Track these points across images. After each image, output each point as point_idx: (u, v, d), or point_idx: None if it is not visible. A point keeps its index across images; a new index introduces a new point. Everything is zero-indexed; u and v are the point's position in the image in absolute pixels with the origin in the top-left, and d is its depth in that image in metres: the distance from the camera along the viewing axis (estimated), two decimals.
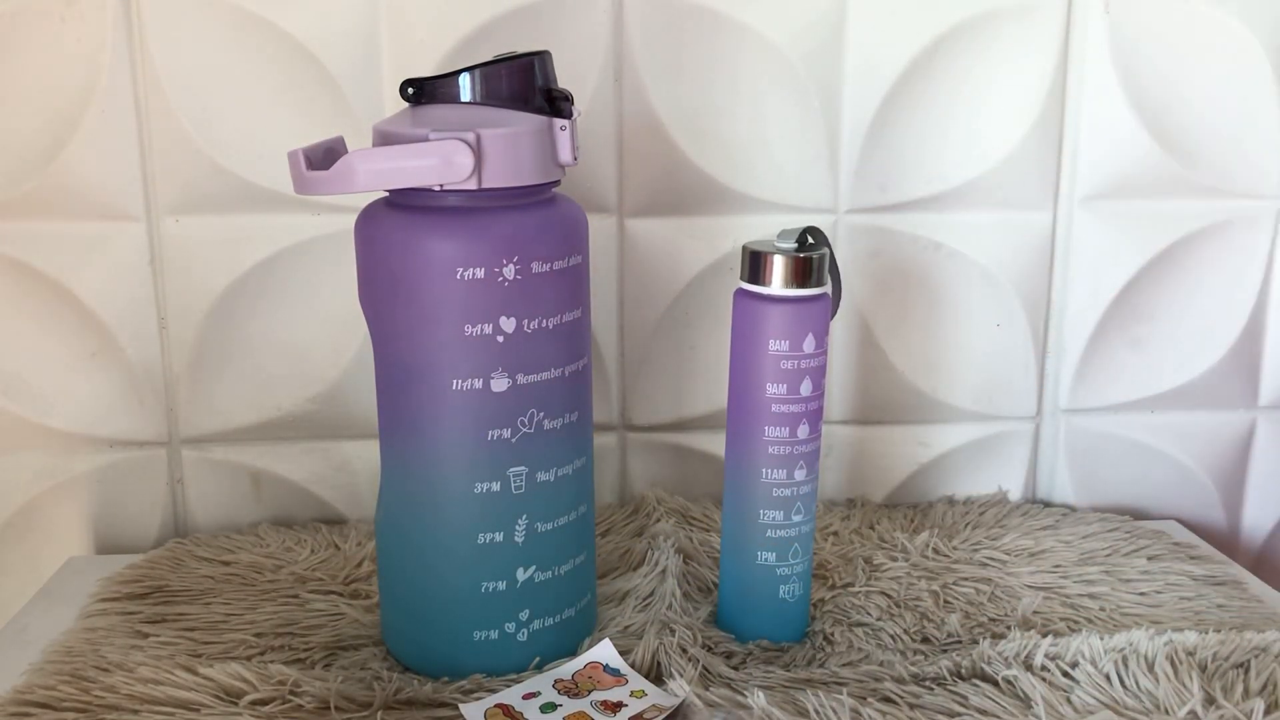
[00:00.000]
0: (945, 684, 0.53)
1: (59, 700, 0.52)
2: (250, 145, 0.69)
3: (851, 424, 0.77)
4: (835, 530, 0.72)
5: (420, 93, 0.53)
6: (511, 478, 0.53)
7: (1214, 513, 0.80)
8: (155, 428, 0.73)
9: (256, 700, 0.52)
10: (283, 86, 0.69)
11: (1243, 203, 0.74)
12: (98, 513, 0.74)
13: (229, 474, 0.75)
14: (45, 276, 0.70)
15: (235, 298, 0.71)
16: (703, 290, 0.74)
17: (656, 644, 0.56)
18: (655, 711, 0.51)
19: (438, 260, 0.50)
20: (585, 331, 0.55)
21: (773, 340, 0.55)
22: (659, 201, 0.73)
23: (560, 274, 0.52)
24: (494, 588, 0.54)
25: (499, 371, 0.51)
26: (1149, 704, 0.50)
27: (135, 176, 0.69)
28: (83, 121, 0.68)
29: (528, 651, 0.55)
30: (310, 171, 0.50)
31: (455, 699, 0.53)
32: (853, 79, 0.71)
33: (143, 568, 0.67)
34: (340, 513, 0.76)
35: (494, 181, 0.51)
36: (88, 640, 0.58)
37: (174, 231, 0.70)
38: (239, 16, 0.67)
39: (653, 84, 0.70)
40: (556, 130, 0.52)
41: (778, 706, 0.50)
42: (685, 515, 0.73)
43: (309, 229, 0.71)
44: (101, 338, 0.71)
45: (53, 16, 0.66)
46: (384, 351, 0.54)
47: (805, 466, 0.57)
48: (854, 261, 0.73)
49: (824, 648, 0.59)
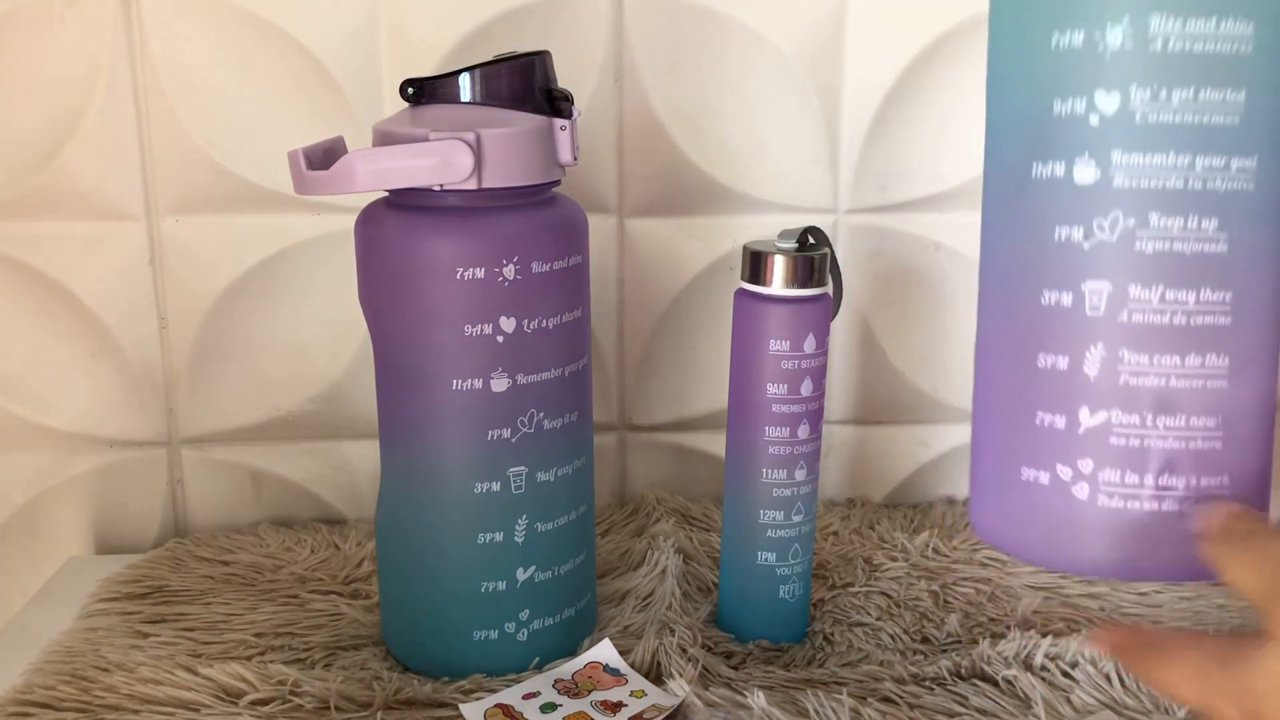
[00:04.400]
0: (945, 684, 0.53)
1: (59, 700, 0.52)
2: (250, 145, 0.69)
3: (851, 424, 0.77)
4: (835, 530, 0.72)
5: (420, 93, 0.53)
6: (511, 478, 0.53)
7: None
8: (155, 428, 0.73)
9: (256, 700, 0.52)
10: (283, 87, 0.69)
11: None
12: (98, 513, 0.74)
13: (229, 474, 0.75)
14: (45, 276, 0.70)
15: (235, 298, 0.71)
16: (703, 290, 0.74)
17: (656, 644, 0.56)
18: (655, 711, 0.51)
19: (438, 260, 0.50)
20: (585, 331, 0.55)
21: (773, 340, 0.55)
22: (659, 201, 0.73)
23: (560, 274, 0.52)
24: (494, 588, 0.54)
25: (499, 371, 0.51)
26: (1149, 704, 0.50)
27: (135, 176, 0.69)
28: (83, 121, 0.68)
29: (528, 651, 0.55)
30: (310, 171, 0.50)
31: (455, 699, 0.53)
32: (853, 79, 0.71)
33: (143, 568, 0.67)
34: (340, 513, 0.76)
35: (494, 181, 0.51)
36: (88, 640, 0.58)
37: (174, 231, 0.70)
38: (239, 16, 0.67)
39: (653, 84, 0.70)
40: (556, 130, 0.52)
41: (778, 706, 0.50)
42: (685, 515, 0.73)
43: (309, 229, 0.71)
44: (101, 338, 0.71)
45: (53, 16, 0.66)
46: (384, 351, 0.54)
47: (805, 466, 0.57)
48: (854, 261, 0.73)
49: (824, 648, 0.59)
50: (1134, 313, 0.40)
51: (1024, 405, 0.43)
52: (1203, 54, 0.38)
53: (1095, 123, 0.39)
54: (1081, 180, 0.40)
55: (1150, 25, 0.38)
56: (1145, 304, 0.39)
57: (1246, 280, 0.39)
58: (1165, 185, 0.39)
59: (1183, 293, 0.39)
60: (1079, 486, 0.42)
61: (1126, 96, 0.39)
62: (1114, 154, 0.39)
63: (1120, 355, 0.40)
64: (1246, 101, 0.38)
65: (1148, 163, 0.39)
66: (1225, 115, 0.38)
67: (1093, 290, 0.40)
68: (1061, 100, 0.40)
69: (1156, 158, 0.39)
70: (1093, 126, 0.39)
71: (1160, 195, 0.39)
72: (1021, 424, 0.43)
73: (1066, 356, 0.41)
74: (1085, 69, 0.39)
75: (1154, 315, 0.39)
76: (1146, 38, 0.38)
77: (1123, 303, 0.39)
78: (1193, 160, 0.39)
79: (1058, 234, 0.41)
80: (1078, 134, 0.40)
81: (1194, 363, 0.39)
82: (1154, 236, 0.39)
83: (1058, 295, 0.41)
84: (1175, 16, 0.37)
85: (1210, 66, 0.38)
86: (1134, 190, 0.39)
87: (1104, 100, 0.39)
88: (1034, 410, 0.43)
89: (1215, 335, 0.39)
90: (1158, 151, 0.39)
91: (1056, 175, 0.41)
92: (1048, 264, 0.42)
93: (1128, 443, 0.41)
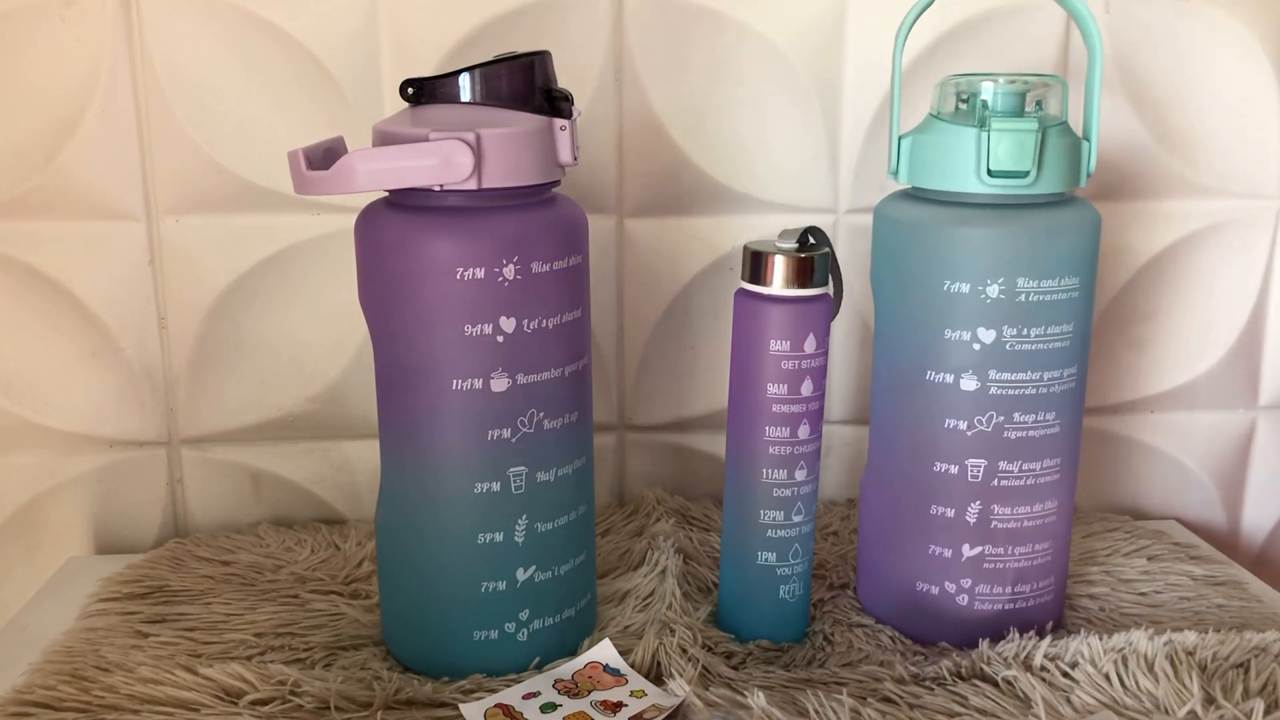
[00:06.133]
0: (945, 684, 0.53)
1: (59, 700, 0.52)
2: (250, 145, 0.69)
3: (851, 424, 0.77)
4: (835, 530, 0.72)
5: (420, 93, 0.53)
6: (511, 478, 0.53)
7: (1214, 513, 0.80)
8: (155, 428, 0.73)
9: (256, 700, 0.52)
10: (283, 87, 0.69)
11: (1243, 203, 0.75)
12: (98, 513, 0.74)
13: (229, 474, 0.75)
14: (45, 276, 0.70)
15: (235, 298, 0.71)
16: (703, 290, 0.74)
17: (656, 644, 0.56)
18: (655, 711, 0.51)
19: (438, 260, 0.50)
20: (585, 331, 0.55)
21: (774, 340, 0.55)
22: (659, 201, 0.73)
23: (560, 274, 0.52)
24: (494, 588, 0.54)
25: (499, 371, 0.51)
26: (1149, 704, 0.50)
27: (135, 176, 0.69)
28: (83, 121, 0.68)
29: (528, 651, 0.55)
30: (310, 171, 0.50)
31: (455, 699, 0.53)
32: (853, 79, 0.71)
33: (143, 568, 0.67)
34: (340, 513, 0.76)
35: (494, 181, 0.51)
36: (88, 640, 0.58)
37: (174, 231, 0.70)
38: (239, 16, 0.67)
39: (653, 84, 0.70)
40: (556, 130, 0.52)
41: (778, 706, 0.50)
42: (685, 515, 0.73)
43: (309, 229, 0.71)
44: (101, 338, 0.71)
45: (52, 16, 0.66)
46: (384, 351, 0.54)
47: (805, 466, 0.57)
48: (854, 261, 0.73)
49: (824, 648, 0.59)
50: (1002, 479, 0.57)
51: (920, 537, 0.59)
52: (1050, 302, 0.55)
53: (977, 349, 0.55)
54: (966, 388, 0.56)
55: (1017, 283, 0.54)
56: (1009, 473, 0.57)
57: (1068, 449, 0.58)
58: (1024, 393, 0.56)
59: (1033, 464, 0.57)
60: (961, 596, 0.58)
61: (1000, 332, 0.55)
62: (990, 372, 0.55)
63: (992, 509, 0.57)
64: (1072, 330, 0.56)
65: (1013, 378, 0.55)
66: (1060, 342, 0.56)
67: (973, 464, 0.57)
68: (952, 330, 0.56)
69: (1019, 375, 0.55)
70: (975, 351, 0.55)
71: (1021, 399, 0.56)
72: (918, 544, 0.59)
73: (952, 508, 0.57)
74: (971, 310, 0.55)
75: (1015, 480, 0.57)
76: (1014, 292, 0.54)
77: (994, 473, 0.57)
78: (1042, 374, 0.56)
79: (947, 424, 0.57)
80: (964, 355, 0.56)
81: (1037, 509, 0.57)
82: (1016, 427, 0.56)
83: (947, 466, 0.57)
84: (1033, 279, 0.54)
85: (1053, 309, 0.55)
86: (1003, 396, 0.56)
87: (984, 334, 0.55)
88: (927, 543, 0.58)
89: (1052, 488, 0.58)
90: (1020, 371, 0.55)
91: (947, 381, 0.56)
92: (938, 444, 0.57)
93: (993, 565, 0.58)
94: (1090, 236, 0.56)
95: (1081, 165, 0.57)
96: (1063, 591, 0.61)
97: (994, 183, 0.55)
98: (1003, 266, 0.54)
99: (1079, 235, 0.56)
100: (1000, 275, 0.54)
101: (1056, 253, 0.55)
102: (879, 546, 0.61)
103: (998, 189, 0.55)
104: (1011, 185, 0.55)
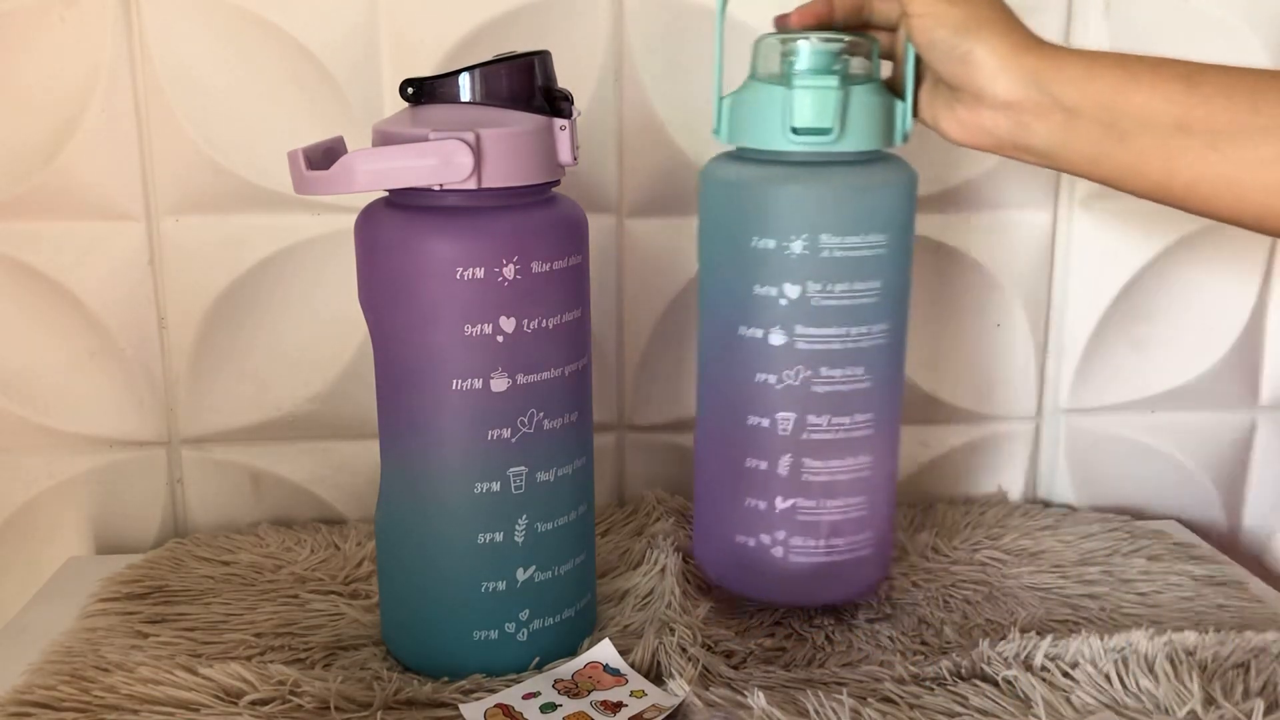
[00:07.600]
0: (945, 684, 0.53)
1: (59, 700, 0.52)
2: (250, 145, 0.69)
3: None
4: None
5: (420, 93, 0.53)
6: (511, 478, 0.53)
7: (1214, 513, 0.80)
8: (155, 428, 0.73)
9: (256, 700, 0.52)
10: (283, 87, 0.69)
11: None
12: (98, 513, 0.74)
13: (229, 474, 0.75)
14: (45, 276, 0.70)
15: (235, 298, 0.71)
16: None
17: (656, 644, 0.56)
18: (655, 711, 0.51)
19: (437, 260, 0.50)
20: (585, 331, 0.55)
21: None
22: (659, 201, 0.72)
23: (560, 274, 0.52)
24: (494, 588, 0.54)
25: (499, 371, 0.51)
26: (1149, 704, 0.50)
27: (135, 176, 0.69)
28: (83, 121, 0.68)
29: (528, 651, 0.55)
30: (310, 171, 0.50)
31: (455, 699, 0.53)
32: None
33: (143, 568, 0.67)
34: (340, 513, 0.76)
35: (494, 181, 0.51)
36: (88, 640, 0.58)
37: (174, 231, 0.70)
38: (239, 16, 0.67)
39: (653, 84, 0.70)
40: (556, 130, 0.52)
41: (778, 706, 0.50)
42: (685, 515, 0.73)
43: (309, 229, 0.71)
44: (101, 338, 0.71)
45: (52, 16, 0.66)
46: (384, 351, 0.54)
47: None
48: None
49: (824, 648, 0.59)
50: (812, 432, 0.57)
51: (737, 490, 0.60)
52: (855, 258, 0.55)
53: (784, 304, 0.56)
54: (775, 342, 0.56)
55: (820, 240, 0.55)
56: (818, 426, 0.57)
57: (882, 405, 0.58)
58: (831, 347, 0.56)
59: (843, 418, 0.57)
60: (777, 549, 0.59)
61: (805, 288, 0.55)
62: (797, 326, 0.56)
63: (803, 462, 0.58)
64: (881, 287, 0.56)
65: (819, 332, 0.56)
66: (868, 298, 0.56)
67: (782, 418, 0.57)
68: (761, 285, 0.56)
69: (825, 329, 0.56)
70: (782, 306, 0.56)
71: (828, 354, 0.56)
72: (736, 497, 0.60)
73: (765, 461, 0.58)
74: (777, 266, 0.55)
75: (824, 434, 0.57)
76: (818, 248, 0.55)
77: (804, 426, 0.57)
78: (848, 330, 0.56)
79: (758, 378, 0.57)
80: (772, 311, 0.56)
81: (850, 463, 0.58)
82: (823, 381, 0.56)
83: (759, 420, 0.58)
84: (836, 235, 0.55)
85: (859, 266, 0.55)
86: (811, 350, 0.56)
87: (790, 289, 0.55)
88: (744, 496, 0.59)
89: (865, 442, 0.58)
90: (826, 326, 0.56)
91: (757, 337, 0.57)
92: (751, 399, 0.58)
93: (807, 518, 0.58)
94: (901, 194, 0.56)
95: (896, 124, 0.57)
96: (886, 548, 0.62)
97: (798, 140, 0.55)
98: (807, 222, 0.55)
99: (886, 193, 0.56)
100: (804, 231, 0.55)
101: (861, 210, 0.55)
102: (707, 500, 0.62)
103: (803, 145, 0.55)
104: (815, 142, 0.55)
